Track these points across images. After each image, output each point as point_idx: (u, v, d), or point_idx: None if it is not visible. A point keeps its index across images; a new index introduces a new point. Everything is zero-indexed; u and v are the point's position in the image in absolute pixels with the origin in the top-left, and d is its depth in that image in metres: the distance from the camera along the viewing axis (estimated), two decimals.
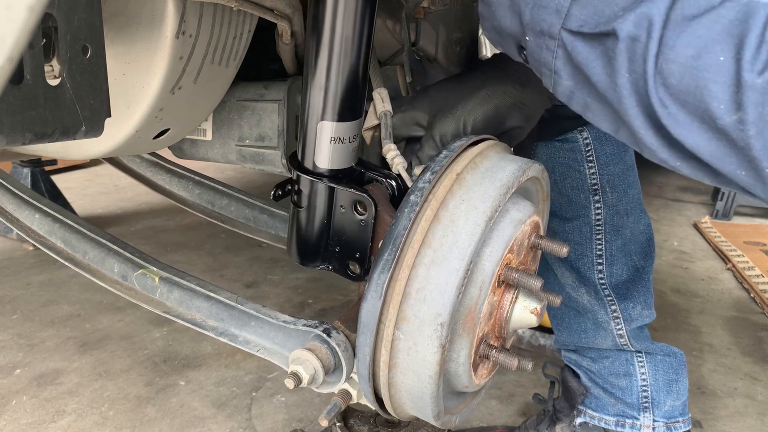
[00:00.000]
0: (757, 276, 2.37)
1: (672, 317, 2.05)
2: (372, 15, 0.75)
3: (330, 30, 0.74)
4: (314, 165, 0.81)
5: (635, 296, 1.16)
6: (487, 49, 0.96)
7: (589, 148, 1.03)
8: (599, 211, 1.08)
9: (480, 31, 0.98)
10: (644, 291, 1.17)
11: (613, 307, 1.15)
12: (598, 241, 1.11)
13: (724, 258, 2.61)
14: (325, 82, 0.76)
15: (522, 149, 1.03)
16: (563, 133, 1.03)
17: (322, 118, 0.78)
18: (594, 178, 1.05)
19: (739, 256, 2.60)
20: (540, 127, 1.00)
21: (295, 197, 0.85)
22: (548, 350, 1.75)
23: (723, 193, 3.30)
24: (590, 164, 1.04)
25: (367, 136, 0.88)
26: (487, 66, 0.90)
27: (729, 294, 2.27)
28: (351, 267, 0.82)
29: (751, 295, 2.24)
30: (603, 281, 1.14)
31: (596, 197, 1.07)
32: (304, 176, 0.82)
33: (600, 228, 1.10)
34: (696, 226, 3.09)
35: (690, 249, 2.77)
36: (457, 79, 0.89)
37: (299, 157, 0.83)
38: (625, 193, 1.07)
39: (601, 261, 1.12)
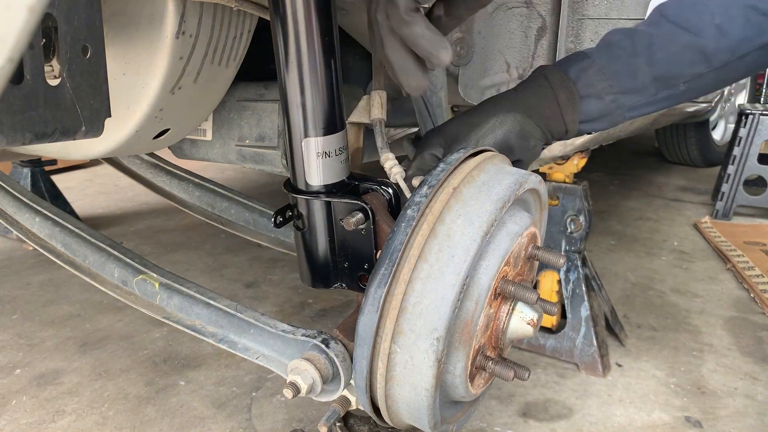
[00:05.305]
0: (757, 276, 2.37)
1: (672, 317, 2.05)
2: (332, 21, 0.76)
3: (295, 45, 0.74)
4: (307, 184, 0.81)
5: None
6: None
7: None
8: None
9: None
10: None
11: None
12: None
13: (724, 258, 2.60)
14: (302, 99, 0.77)
15: None
16: None
17: (306, 135, 0.78)
18: None
19: (739, 256, 2.59)
20: None
21: (297, 221, 0.85)
22: (548, 350, 1.75)
23: (723, 193, 3.29)
24: None
25: (350, 129, 0.87)
26: (500, 96, 0.91)
27: (729, 294, 2.27)
28: (362, 280, 0.83)
29: (751, 295, 2.24)
30: None
31: None
32: (299, 197, 0.82)
33: None
34: (696, 226, 3.08)
35: (690, 249, 2.77)
36: (470, 111, 0.90)
37: (291, 180, 0.84)
38: None
39: None
